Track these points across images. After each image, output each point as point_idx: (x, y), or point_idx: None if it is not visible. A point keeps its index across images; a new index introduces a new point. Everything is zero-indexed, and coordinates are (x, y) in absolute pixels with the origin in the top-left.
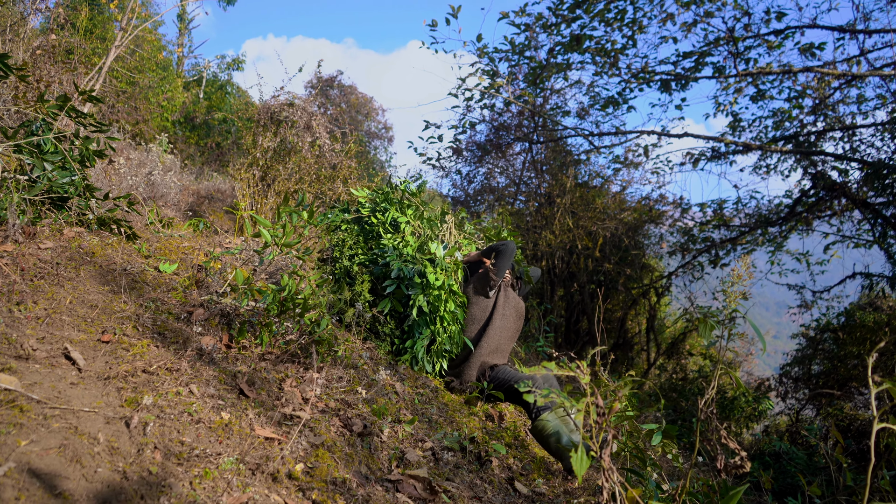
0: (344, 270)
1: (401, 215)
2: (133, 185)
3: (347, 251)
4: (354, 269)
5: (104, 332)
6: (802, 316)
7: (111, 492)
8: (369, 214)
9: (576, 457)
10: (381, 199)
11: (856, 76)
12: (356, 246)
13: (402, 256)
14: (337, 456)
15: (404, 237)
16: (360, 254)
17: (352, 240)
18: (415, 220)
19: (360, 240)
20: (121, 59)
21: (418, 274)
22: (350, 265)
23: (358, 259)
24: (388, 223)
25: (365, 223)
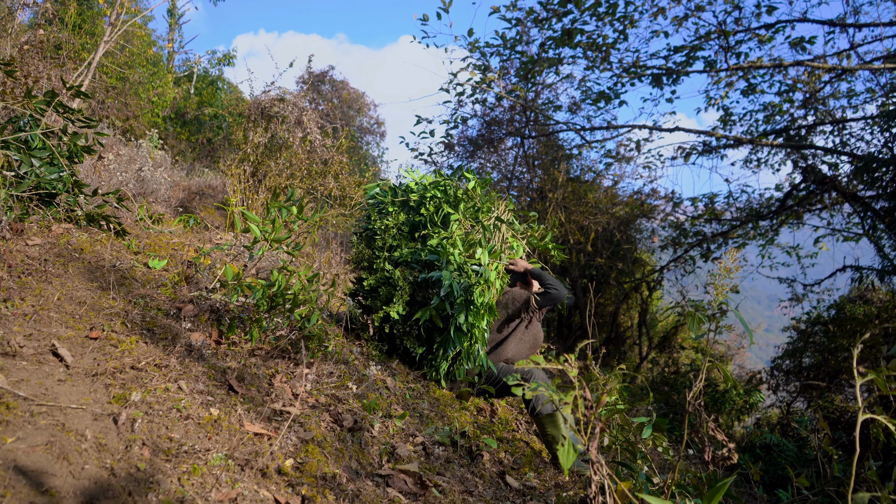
0: (384, 277)
1: (454, 212)
2: (123, 182)
3: (389, 240)
4: (396, 276)
5: (92, 329)
6: (793, 309)
7: (98, 489)
8: (418, 203)
9: (562, 450)
10: (433, 188)
11: (846, 70)
12: (399, 237)
13: (451, 264)
14: (327, 451)
15: (452, 237)
16: (404, 247)
17: (394, 224)
18: (466, 219)
19: (405, 230)
20: (110, 54)
21: (465, 289)
22: (391, 273)
23: (399, 253)
24: (438, 219)
25: (411, 207)
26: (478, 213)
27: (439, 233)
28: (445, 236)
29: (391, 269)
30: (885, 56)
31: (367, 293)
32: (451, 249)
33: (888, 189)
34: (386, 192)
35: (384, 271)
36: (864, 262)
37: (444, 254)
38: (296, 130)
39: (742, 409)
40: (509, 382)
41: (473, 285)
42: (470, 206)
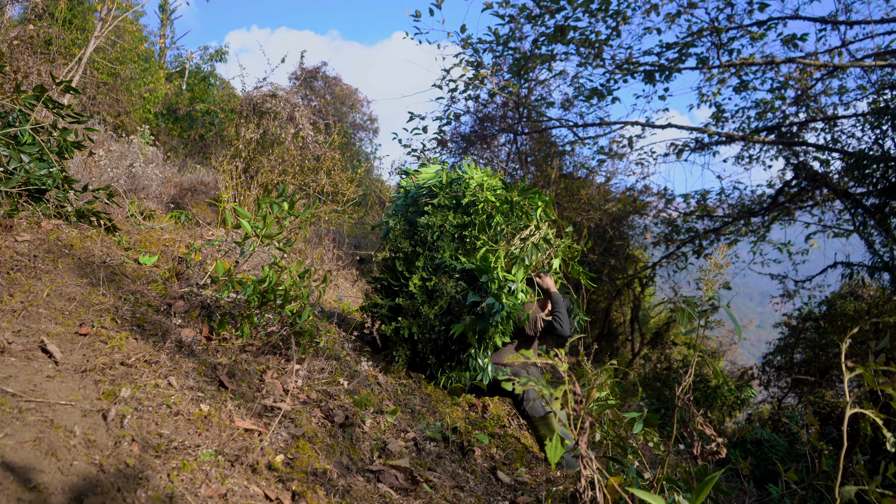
0: (421, 282)
1: (503, 222)
2: (114, 178)
3: (431, 238)
4: (442, 283)
5: (82, 325)
6: (785, 305)
7: (87, 485)
8: (469, 203)
9: (550, 444)
10: (488, 191)
11: (837, 67)
12: (442, 237)
13: (495, 282)
14: (318, 447)
15: (498, 252)
16: (447, 249)
17: (441, 223)
18: (511, 227)
19: (450, 230)
20: (101, 49)
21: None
22: (430, 278)
23: (441, 256)
24: (491, 230)
25: (460, 206)
26: (522, 222)
27: (487, 243)
28: (490, 248)
29: (430, 276)
30: (876, 53)
31: (406, 293)
32: (495, 264)
33: (878, 186)
34: (438, 184)
35: (425, 272)
36: (855, 258)
37: (489, 269)
38: (288, 126)
39: (733, 404)
40: (499, 377)
41: (511, 308)
42: (519, 214)
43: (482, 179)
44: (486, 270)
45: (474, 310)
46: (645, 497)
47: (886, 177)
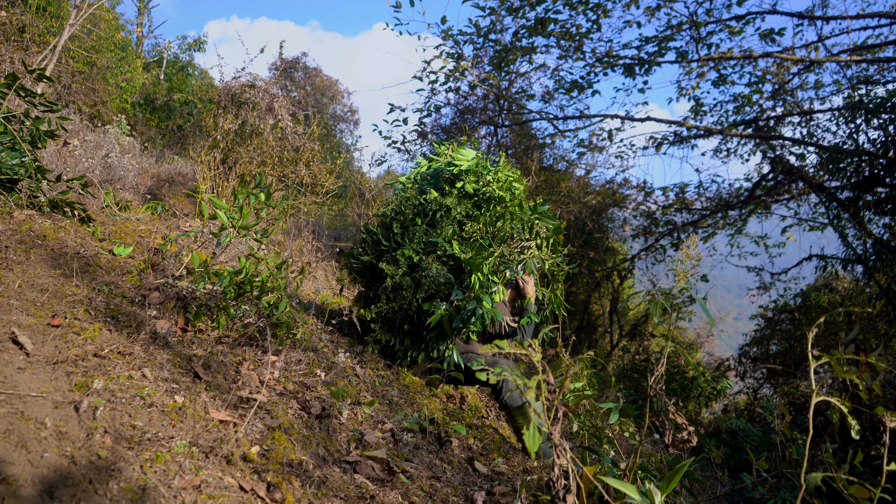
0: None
1: (504, 222)
2: (89, 168)
3: (439, 219)
4: (433, 268)
5: (54, 317)
6: (761, 297)
7: (58, 477)
8: (475, 192)
9: (528, 433)
10: (495, 182)
11: (814, 62)
12: (446, 220)
13: (476, 283)
14: (294, 438)
15: (493, 253)
16: (445, 233)
17: (446, 203)
18: (512, 233)
19: (458, 216)
20: (76, 38)
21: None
22: (419, 257)
23: (437, 236)
24: (493, 225)
25: (465, 194)
26: (524, 235)
27: (486, 241)
28: (485, 247)
29: (419, 252)
30: (852, 49)
31: (392, 258)
32: (486, 264)
33: (852, 179)
34: (466, 170)
35: (417, 244)
36: (830, 251)
37: (478, 268)
38: (267, 117)
39: (710, 395)
40: (473, 367)
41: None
42: (526, 228)
43: (504, 178)
44: (476, 268)
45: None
46: (617, 485)
47: (860, 171)
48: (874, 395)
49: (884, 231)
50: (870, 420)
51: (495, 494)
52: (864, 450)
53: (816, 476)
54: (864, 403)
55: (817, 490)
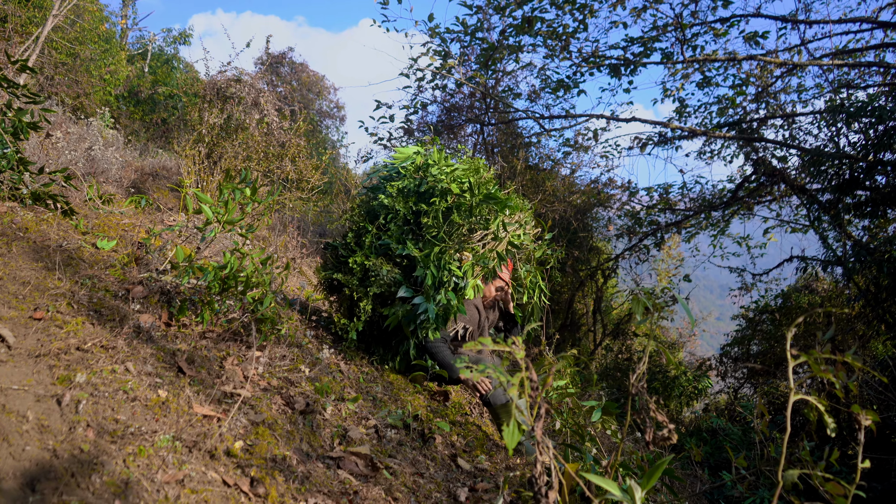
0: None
1: (458, 219)
2: (72, 160)
3: (387, 222)
4: (383, 270)
5: (36, 310)
6: (743, 298)
7: (40, 470)
8: (429, 190)
9: (507, 429)
10: (450, 179)
11: (797, 65)
12: (396, 221)
13: (432, 277)
14: (278, 433)
15: (446, 246)
16: (396, 235)
17: (391, 206)
18: (467, 226)
19: (409, 216)
20: (60, 29)
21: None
22: (370, 261)
23: (386, 239)
24: (442, 227)
25: (419, 192)
26: (481, 224)
27: (439, 236)
28: (437, 242)
29: (369, 256)
30: (834, 53)
31: (347, 269)
32: (439, 259)
33: (833, 182)
34: (405, 168)
35: (369, 250)
36: (810, 252)
37: (427, 262)
38: (252, 112)
39: (691, 394)
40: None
41: (440, 302)
42: (478, 217)
43: (446, 169)
44: (425, 265)
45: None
46: (598, 482)
47: (840, 174)
48: (851, 395)
49: (863, 233)
50: (847, 419)
51: (478, 491)
52: (840, 448)
53: (793, 473)
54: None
55: (794, 487)
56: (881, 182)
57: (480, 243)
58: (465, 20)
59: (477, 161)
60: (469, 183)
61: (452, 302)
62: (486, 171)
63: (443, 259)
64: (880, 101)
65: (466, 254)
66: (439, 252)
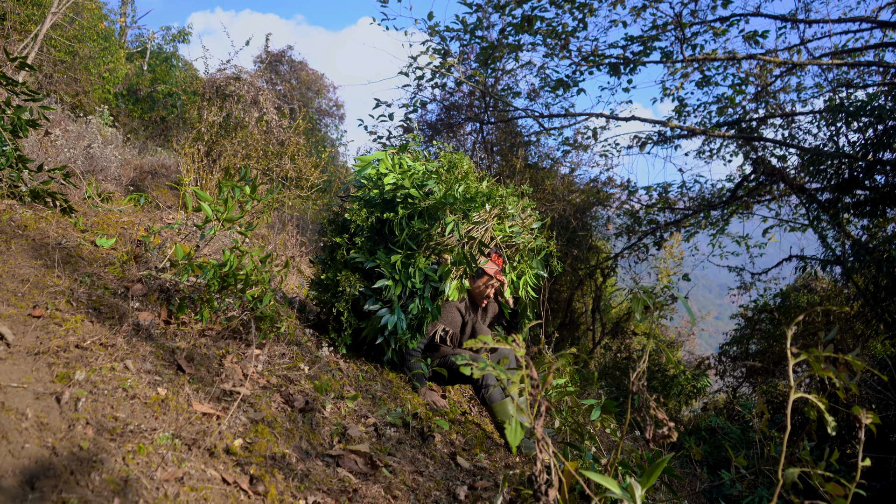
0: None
1: (418, 223)
2: (71, 158)
3: (354, 233)
4: (341, 279)
5: (35, 307)
6: (742, 297)
7: (39, 468)
8: (390, 198)
9: (510, 428)
10: (407, 178)
11: (796, 65)
12: (362, 233)
13: (395, 287)
14: (277, 431)
15: (413, 252)
16: (365, 246)
17: (354, 219)
18: (462, 226)
19: (376, 225)
20: (59, 27)
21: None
22: (340, 276)
23: (354, 253)
24: (403, 233)
25: (385, 201)
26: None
27: (405, 243)
28: (401, 250)
29: (340, 274)
30: (833, 52)
31: (322, 285)
32: (406, 266)
33: (832, 181)
34: (367, 177)
35: (341, 264)
36: (809, 251)
37: (388, 271)
38: (252, 110)
39: (690, 393)
40: (458, 362)
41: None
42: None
43: (401, 174)
44: (388, 274)
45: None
46: (598, 479)
47: (840, 173)
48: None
49: (862, 233)
50: (846, 419)
51: (477, 489)
52: (840, 448)
53: (793, 471)
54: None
55: (794, 486)
56: (880, 181)
57: (458, 242)
58: (464, 18)
59: (449, 156)
60: (429, 185)
61: (428, 308)
62: (462, 165)
63: (411, 267)
64: (880, 101)
65: (445, 255)
66: (404, 259)
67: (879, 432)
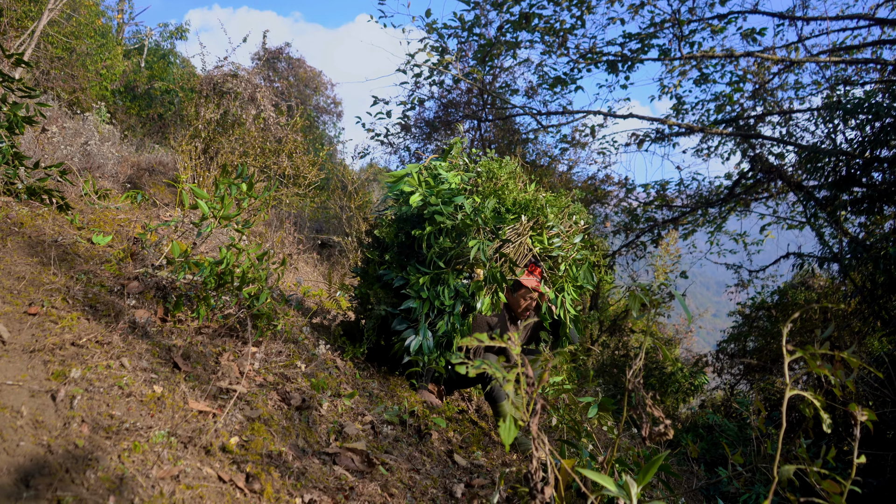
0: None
1: (446, 242)
2: (67, 155)
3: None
4: (371, 294)
5: (31, 305)
6: (739, 294)
7: (34, 466)
8: (418, 213)
9: (504, 425)
10: (435, 196)
11: (794, 62)
12: (392, 249)
13: (423, 305)
14: (273, 429)
15: (448, 277)
16: (396, 263)
17: (385, 237)
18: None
19: (405, 241)
20: (55, 23)
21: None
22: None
23: (385, 269)
24: (433, 250)
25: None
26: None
27: (432, 261)
28: (428, 270)
29: (371, 289)
30: (831, 49)
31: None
32: (435, 287)
33: (829, 179)
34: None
35: (370, 280)
36: (806, 249)
37: (416, 293)
38: (249, 107)
39: (688, 390)
40: (452, 360)
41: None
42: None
43: (427, 190)
44: (415, 294)
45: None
46: (594, 477)
47: (837, 170)
48: (847, 392)
49: (859, 230)
50: (843, 416)
51: (474, 487)
52: (837, 445)
53: (789, 469)
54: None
55: (790, 484)
56: (877, 179)
57: (489, 259)
58: (462, 16)
59: (488, 163)
60: (457, 200)
61: (457, 326)
62: (502, 170)
63: (439, 285)
64: (877, 98)
65: (478, 270)
66: (433, 279)
67: (877, 429)
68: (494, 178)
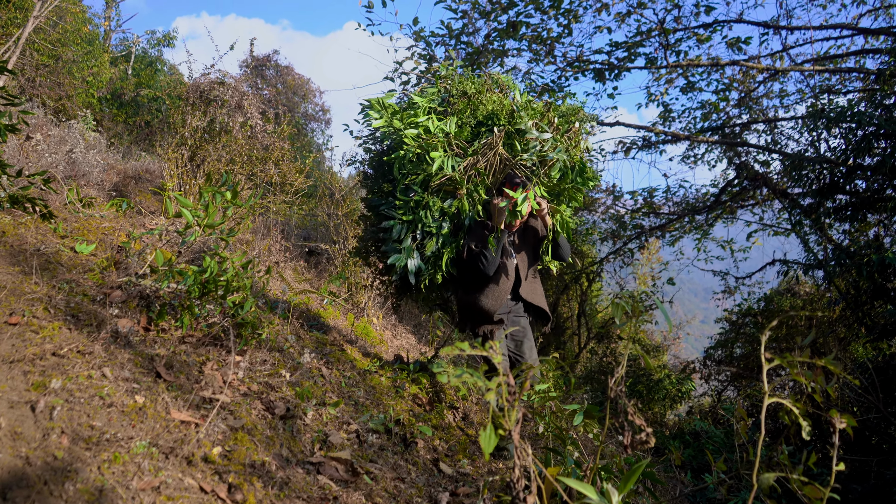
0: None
1: (436, 154)
2: (52, 163)
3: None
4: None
5: (12, 314)
6: (726, 301)
7: (12, 478)
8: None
9: (484, 434)
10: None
11: (779, 71)
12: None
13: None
14: (257, 439)
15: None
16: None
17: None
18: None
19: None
20: (41, 30)
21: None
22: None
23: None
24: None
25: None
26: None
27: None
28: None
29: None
30: (815, 59)
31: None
32: (415, 212)
33: (814, 186)
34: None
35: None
36: (792, 256)
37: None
38: (236, 115)
39: (675, 397)
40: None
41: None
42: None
43: (391, 115)
44: (396, 216)
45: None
46: (575, 486)
47: (821, 178)
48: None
49: (843, 237)
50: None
51: (459, 495)
52: (821, 451)
53: (769, 476)
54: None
55: (773, 491)
56: (861, 186)
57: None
58: (450, 24)
59: (460, 78)
60: (420, 121)
61: (448, 244)
62: (470, 83)
63: (422, 209)
64: (860, 107)
65: (460, 191)
66: (417, 202)
67: (860, 435)
68: (467, 95)
